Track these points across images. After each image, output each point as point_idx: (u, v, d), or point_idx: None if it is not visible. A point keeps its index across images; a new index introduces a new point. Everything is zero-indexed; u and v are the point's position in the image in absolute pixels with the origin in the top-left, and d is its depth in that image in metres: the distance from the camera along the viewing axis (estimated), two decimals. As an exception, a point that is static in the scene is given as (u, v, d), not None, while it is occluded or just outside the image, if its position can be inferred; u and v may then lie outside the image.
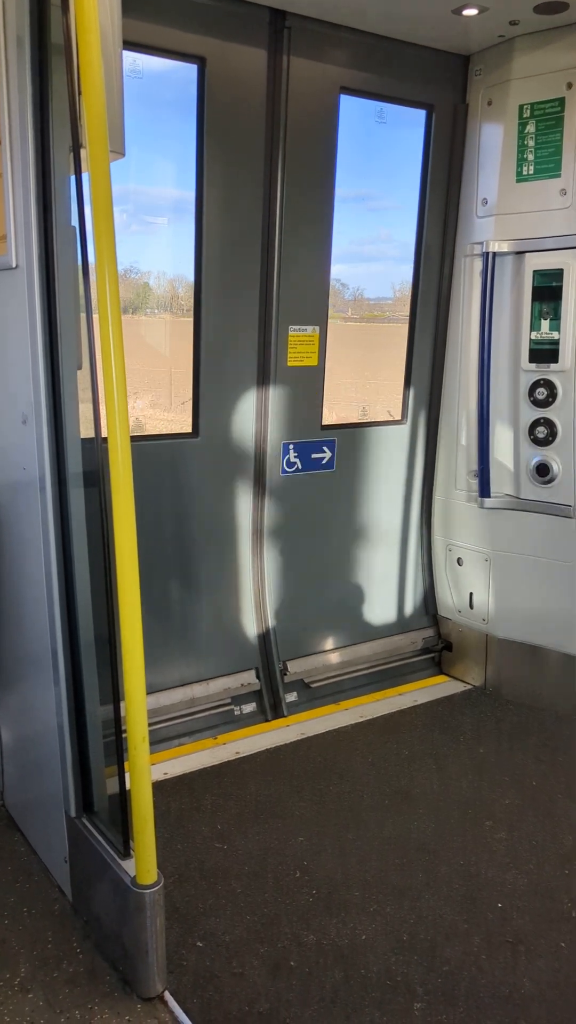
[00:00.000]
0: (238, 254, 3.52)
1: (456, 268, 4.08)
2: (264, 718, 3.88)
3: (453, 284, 4.12)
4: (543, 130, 3.64)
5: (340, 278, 4.03)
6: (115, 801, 2.46)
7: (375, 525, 4.24)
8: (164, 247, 3.84)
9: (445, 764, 3.52)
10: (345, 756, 3.57)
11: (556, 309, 3.73)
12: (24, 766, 2.96)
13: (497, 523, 4.07)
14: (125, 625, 2.08)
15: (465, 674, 4.36)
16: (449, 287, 4.13)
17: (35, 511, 2.54)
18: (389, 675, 4.29)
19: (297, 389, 3.82)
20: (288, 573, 3.96)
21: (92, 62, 1.98)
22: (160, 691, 3.60)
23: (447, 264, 4.09)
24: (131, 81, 3.14)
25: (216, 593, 3.77)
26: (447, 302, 4.14)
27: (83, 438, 2.50)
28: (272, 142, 3.46)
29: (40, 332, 2.34)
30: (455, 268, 4.09)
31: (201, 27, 3.19)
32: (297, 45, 3.39)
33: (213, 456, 3.67)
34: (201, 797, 3.24)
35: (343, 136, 3.66)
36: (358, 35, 3.53)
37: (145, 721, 2.12)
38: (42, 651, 2.63)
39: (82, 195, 2.24)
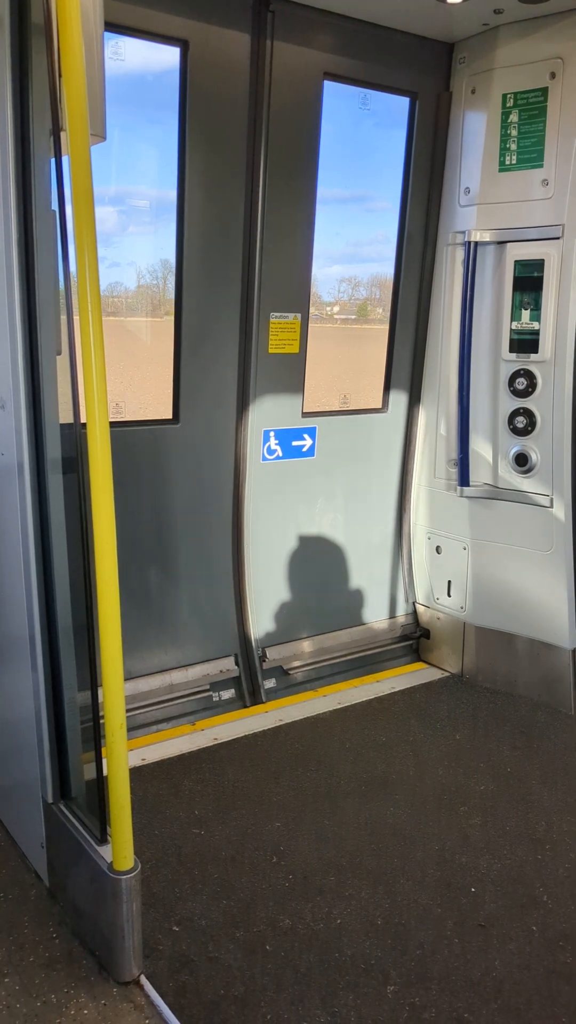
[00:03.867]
0: (220, 240, 3.51)
1: (438, 257, 4.08)
2: (243, 704, 3.90)
3: (435, 273, 4.12)
4: (526, 120, 3.64)
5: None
6: (92, 787, 2.47)
7: (355, 513, 4.25)
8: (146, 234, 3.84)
9: (422, 751, 3.56)
10: (323, 742, 3.60)
11: (537, 299, 3.75)
12: (1, 751, 2.96)
13: (476, 512, 4.10)
14: (103, 611, 2.08)
15: (442, 661, 4.40)
16: (431, 276, 4.13)
17: (13, 497, 2.52)
18: (367, 662, 4.31)
19: (278, 376, 3.81)
20: (268, 560, 3.97)
21: (73, 44, 1.96)
22: (138, 677, 3.60)
23: (429, 253, 4.09)
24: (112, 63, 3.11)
25: (195, 580, 3.78)
26: (428, 291, 4.14)
27: (62, 423, 2.49)
28: (255, 127, 3.44)
29: (19, 317, 2.32)
30: (437, 257, 4.09)
31: (184, 9, 3.16)
32: (281, 29, 3.37)
33: (193, 442, 3.66)
34: (179, 783, 3.25)
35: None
36: (342, 20, 3.51)
37: (123, 708, 2.12)
38: (19, 637, 2.62)
39: (62, 179, 2.22)
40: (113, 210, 3.80)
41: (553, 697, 3.98)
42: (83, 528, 2.29)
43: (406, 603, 4.50)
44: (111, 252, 4.10)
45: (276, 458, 3.92)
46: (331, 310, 6.07)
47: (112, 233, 3.88)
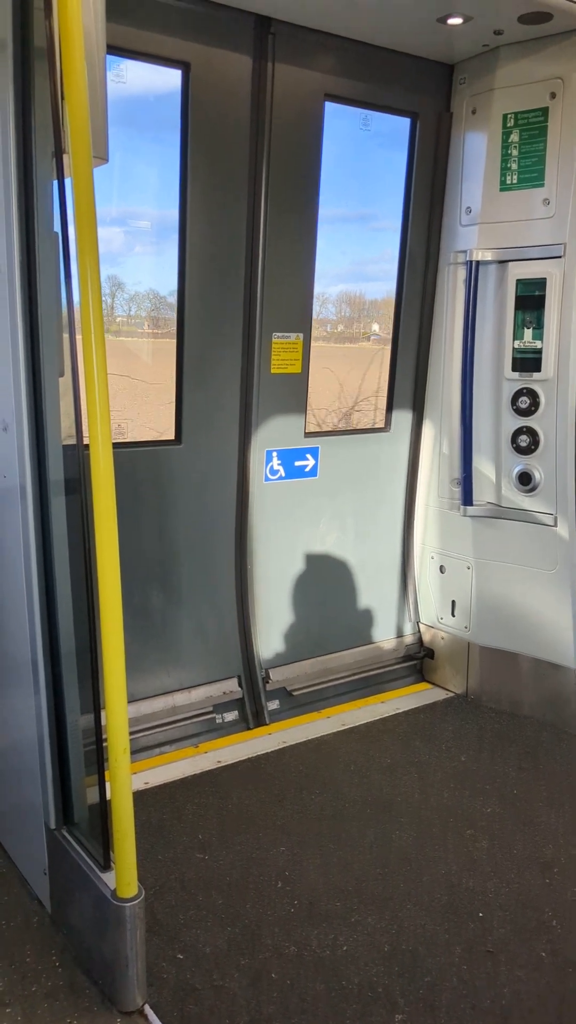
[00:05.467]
0: (222, 260, 3.51)
1: (440, 276, 4.09)
2: (246, 726, 3.86)
3: (437, 292, 4.13)
4: (527, 139, 3.66)
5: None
6: (95, 812, 2.44)
7: (358, 532, 4.24)
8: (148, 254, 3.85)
9: (427, 773, 3.52)
10: (327, 765, 3.56)
11: (539, 318, 3.75)
12: (2, 776, 2.93)
13: (479, 531, 4.08)
14: (106, 634, 2.06)
15: (447, 681, 4.37)
16: (433, 295, 4.13)
17: (15, 518, 2.51)
18: (371, 683, 4.28)
19: (281, 396, 3.81)
20: (271, 581, 3.95)
21: (75, 67, 1.97)
22: (141, 700, 3.57)
23: (431, 272, 4.10)
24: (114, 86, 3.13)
25: (198, 601, 3.75)
26: (431, 310, 4.15)
27: (65, 444, 2.48)
28: (257, 148, 3.46)
29: (22, 339, 2.31)
30: (439, 276, 4.09)
31: (186, 32, 3.18)
32: (282, 51, 3.39)
33: (196, 463, 3.65)
34: (182, 807, 3.21)
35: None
36: (343, 42, 3.53)
37: (126, 732, 2.10)
38: (22, 660, 2.60)
39: (65, 200, 2.22)
40: (119, 231, 3.82)
41: (559, 717, 3.95)
42: (86, 550, 2.28)
43: (410, 623, 4.48)
44: (121, 272, 4.11)
45: (279, 478, 3.91)
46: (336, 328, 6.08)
47: (118, 253, 3.89)
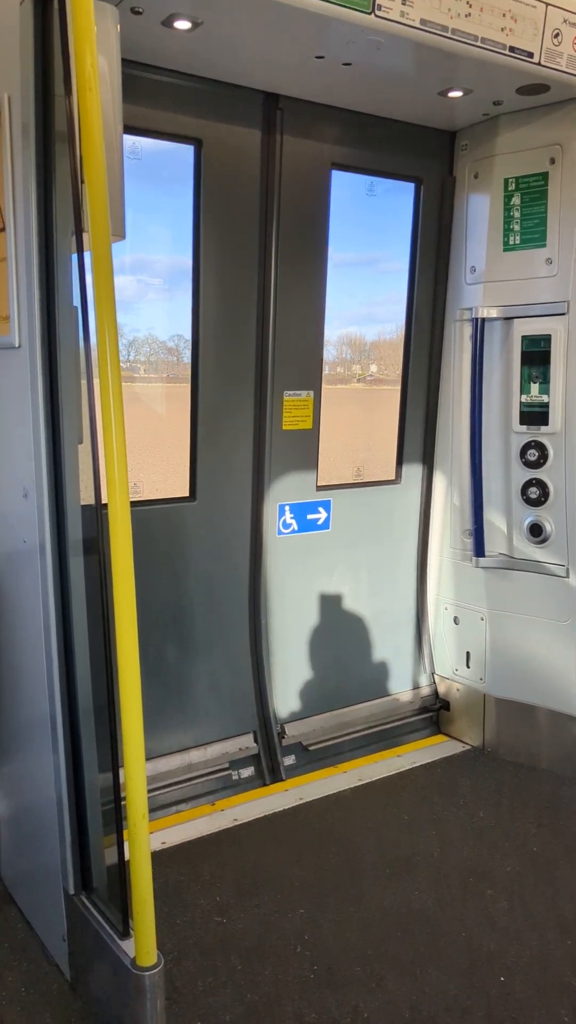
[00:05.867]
0: (234, 323, 3.61)
1: (447, 332, 4.17)
2: (262, 782, 3.85)
3: (444, 347, 4.21)
4: (528, 202, 3.76)
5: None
6: (113, 875, 2.44)
7: (372, 584, 4.26)
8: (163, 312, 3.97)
9: (445, 829, 3.49)
10: (344, 822, 3.54)
11: (545, 373, 3.81)
12: (21, 838, 2.93)
13: (492, 582, 4.10)
14: (124, 695, 2.08)
15: (463, 734, 4.35)
16: (440, 350, 4.21)
17: (35, 579, 2.56)
18: (387, 736, 4.27)
19: (292, 452, 3.87)
20: (285, 634, 3.97)
21: (95, 149, 2.05)
22: (157, 757, 3.57)
23: (438, 328, 4.18)
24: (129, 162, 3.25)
25: (213, 656, 3.77)
26: (438, 364, 4.23)
27: (83, 504, 2.54)
28: (266, 216, 3.57)
29: (42, 409, 2.39)
30: (446, 332, 4.18)
31: (198, 110, 3.31)
32: (290, 125, 3.52)
33: (210, 519, 3.70)
34: (199, 867, 3.20)
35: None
36: (348, 114, 3.66)
37: (145, 797, 2.11)
38: (40, 718, 2.62)
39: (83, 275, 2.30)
40: (132, 278, 3.94)
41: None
42: (104, 609, 2.31)
43: (425, 674, 4.47)
44: (138, 320, 4.24)
45: (292, 532, 3.96)
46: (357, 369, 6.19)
47: (132, 300, 4.02)
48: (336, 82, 3.29)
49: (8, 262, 2.52)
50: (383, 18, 2.72)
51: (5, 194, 2.50)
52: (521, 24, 3.03)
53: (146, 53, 3.01)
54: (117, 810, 2.36)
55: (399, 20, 2.75)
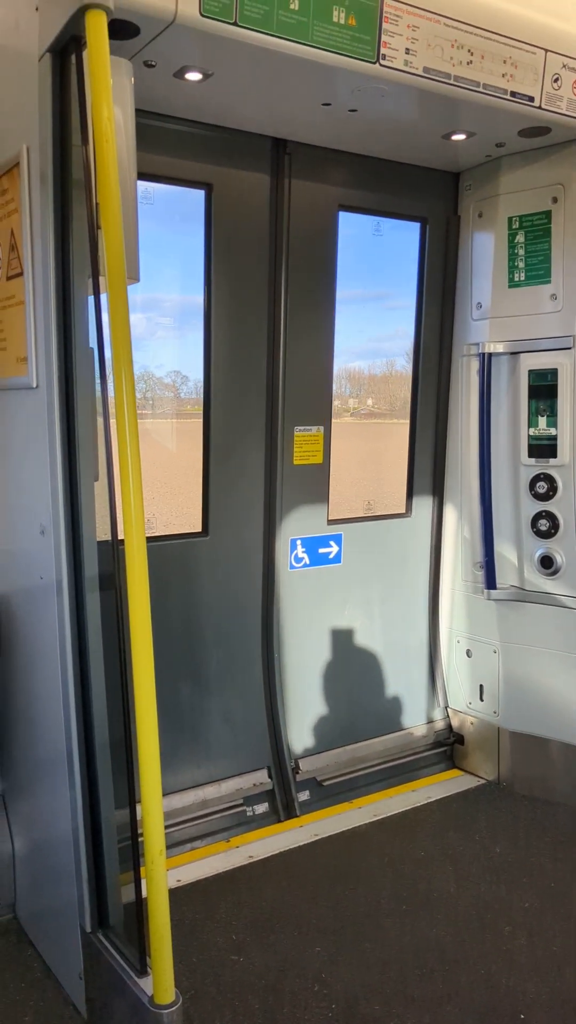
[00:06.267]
0: (245, 360, 3.67)
1: (454, 367, 4.23)
2: (277, 818, 3.83)
3: (451, 382, 4.26)
4: (532, 240, 3.83)
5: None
6: (130, 912, 2.43)
7: (384, 618, 4.27)
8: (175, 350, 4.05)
9: (461, 865, 3.46)
10: (360, 858, 3.52)
11: (552, 406, 3.86)
12: (37, 875, 2.92)
13: (504, 615, 4.11)
14: (142, 730, 2.09)
15: (478, 768, 4.32)
16: (448, 384, 4.27)
17: (51, 615, 2.59)
18: (402, 770, 4.25)
19: (303, 486, 3.91)
20: (298, 669, 3.98)
21: (111, 197, 2.11)
22: (171, 793, 3.57)
23: (445, 363, 4.24)
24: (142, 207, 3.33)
25: (226, 691, 3.78)
26: (446, 399, 4.28)
27: (99, 541, 2.57)
28: (275, 256, 3.65)
29: (59, 448, 2.43)
30: (453, 367, 4.24)
31: (208, 156, 3.40)
32: (297, 169, 3.61)
33: (223, 554, 3.73)
34: (215, 905, 3.18)
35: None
36: (354, 158, 3.76)
37: (162, 833, 2.11)
38: (57, 755, 2.64)
39: (100, 316, 2.37)
40: (142, 316, 4.02)
41: (593, 804, 3.89)
42: (120, 644, 2.34)
43: (439, 708, 4.46)
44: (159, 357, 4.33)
45: (303, 566, 3.98)
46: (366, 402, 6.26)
47: (141, 337, 4.10)
48: (342, 128, 3.39)
49: (26, 305, 2.59)
50: (388, 67, 2.81)
51: (23, 240, 2.58)
52: (521, 70, 3.11)
53: (158, 103, 3.11)
54: (134, 846, 2.36)
55: (403, 68, 2.84)
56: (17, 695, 2.99)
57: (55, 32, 2.28)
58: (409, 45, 2.83)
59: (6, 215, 2.72)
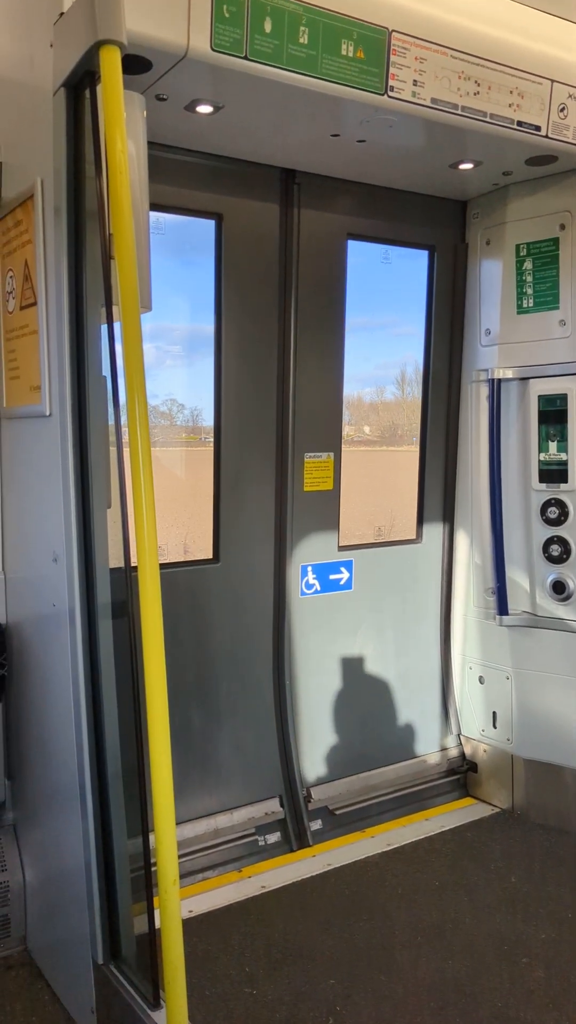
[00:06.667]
0: (255, 387, 3.69)
1: (463, 393, 4.24)
2: (289, 848, 3.79)
3: (461, 407, 4.27)
4: (540, 267, 3.86)
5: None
6: (143, 943, 2.40)
7: (396, 644, 4.25)
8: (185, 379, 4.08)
9: (477, 895, 3.42)
10: (374, 889, 3.47)
11: (563, 431, 3.86)
12: (48, 907, 2.90)
13: (517, 640, 4.08)
14: (155, 759, 2.08)
15: (492, 796, 4.27)
16: (457, 410, 4.28)
17: (64, 643, 2.58)
18: (415, 799, 4.20)
19: (314, 513, 3.91)
20: (309, 696, 3.96)
21: (124, 228, 2.14)
22: (183, 823, 3.53)
23: (454, 388, 4.26)
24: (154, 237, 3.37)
25: (237, 719, 3.76)
26: (456, 424, 4.29)
27: (112, 568, 2.57)
28: (285, 284, 3.68)
29: (72, 476, 2.45)
30: (462, 393, 4.25)
31: (218, 187, 3.45)
32: (306, 198, 3.65)
33: (234, 580, 3.73)
34: (228, 936, 3.14)
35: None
36: (363, 187, 3.80)
37: (176, 862, 2.10)
38: (69, 784, 2.62)
39: (113, 345, 2.39)
40: (151, 346, 4.05)
41: (610, 833, 3.84)
42: (133, 672, 2.33)
43: (452, 735, 4.42)
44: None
45: (314, 592, 3.97)
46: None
47: (149, 366, 4.13)
48: (351, 158, 3.43)
49: (40, 334, 2.61)
50: (396, 98, 2.85)
51: (37, 270, 2.61)
52: (528, 100, 3.16)
53: (170, 135, 3.16)
54: (147, 876, 2.34)
55: (411, 100, 2.88)
56: (30, 723, 2.98)
57: (69, 67, 2.33)
58: (417, 77, 2.87)
59: (20, 246, 2.76)
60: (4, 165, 2.92)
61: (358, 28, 2.71)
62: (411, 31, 2.81)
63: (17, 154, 2.82)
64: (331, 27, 2.66)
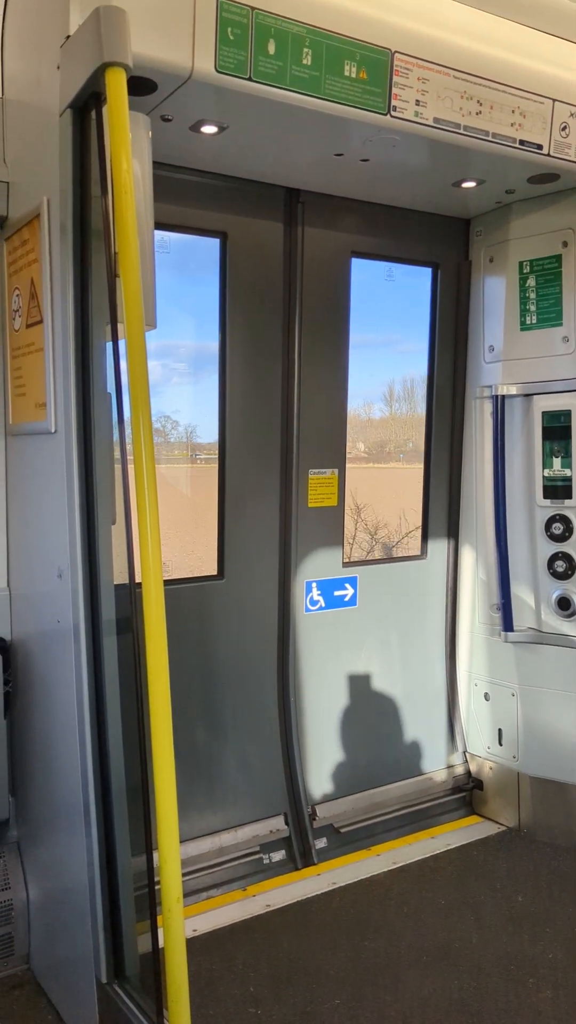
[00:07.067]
0: (260, 404, 3.71)
1: (467, 409, 4.25)
2: (294, 866, 3.76)
3: (465, 424, 4.28)
4: (543, 284, 3.88)
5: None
6: (147, 962, 2.39)
7: (401, 661, 4.24)
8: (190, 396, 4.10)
9: (483, 915, 3.39)
10: (379, 907, 3.45)
11: (567, 447, 3.86)
12: (52, 926, 2.88)
13: (522, 657, 4.06)
14: (159, 776, 2.07)
15: (498, 814, 4.24)
16: (461, 427, 4.29)
17: (68, 659, 2.58)
18: (420, 817, 4.17)
19: (318, 529, 3.91)
20: (314, 713, 3.94)
21: (129, 247, 2.16)
22: (188, 841, 3.52)
23: (458, 404, 4.27)
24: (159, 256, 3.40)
25: (242, 736, 3.75)
26: (460, 441, 4.29)
27: (116, 584, 2.57)
28: (289, 302, 3.71)
29: (77, 493, 2.45)
30: (466, 409, 4.26)
31: (223, 206, 3.48)
32: (310, 217, 3.68)
33: (238, 597, 3.73)
34: (232, 956, 3.11)
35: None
36: (366, 206, 3.83)
37: (179, 880, 2.08)
38: (73, 802, 2.61)
39: (118, 363, 2.40)
40: (156, 363, 4.08)
41: (617, 851, 3.81)
42: (137, 688, 2.33)
43: (457, 752, 4.40)
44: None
45: (319, 608, 3.97)
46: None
47: (154, 384, 4.15)
48: (354, 177, 3.46)
49: (45, 352, 2.63)
50: (398, 118, 2.88)
51: (43, 288, 2.63)
52: (530, 119, 3.18)
53: (175, 155, 3.19)
54: (151, 894, 2.33)
55: (414, 119, 2.91)
56: (34, 739, 2.98)
57: (76, 89, 2.35)
58: (419, 97, 2.90)
59: (26, 265, 2.78)
60: (11, 185, 2.95)
61: (361, 49, 2.74)
62: (413, 52, 2.85)
63: (24, 174, 2.85)
64: (334, 48, 2.69)
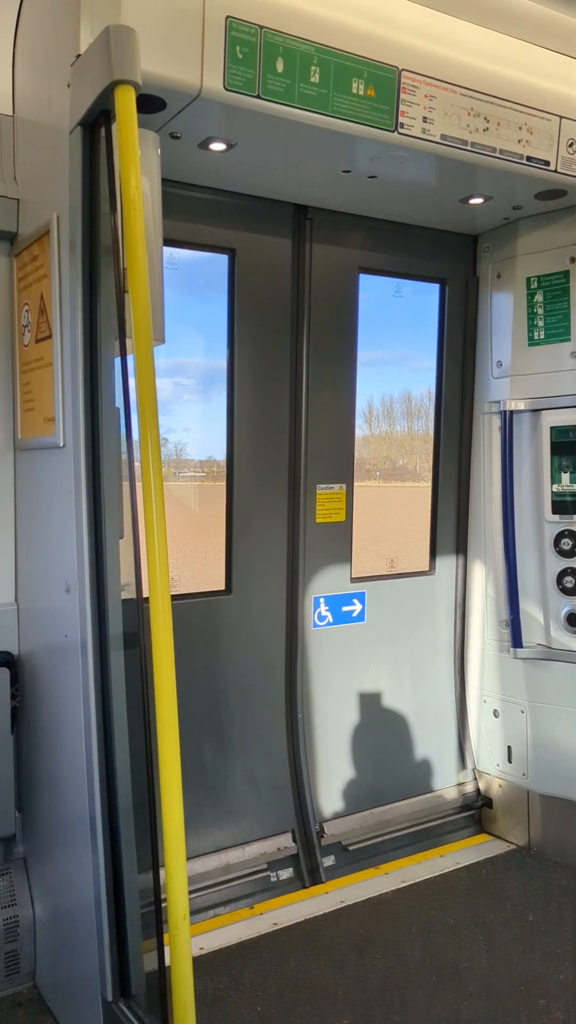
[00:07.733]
0: (268, 420, 3.71)
1: (475, 424, 4.25)
2: (301, 884, 3.73)
3: (473, 439, 4.27)
4: (551, 299, 3.88)
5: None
6: (153, 980, 2.36)
7: (409, 677, 4.21)
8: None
9: (493, 934, 3.35)
10: (388, 927, 3.41)
11: (575, 462, 3.85)
12: (57, 943, 2.86)
13: (531, 673, 4.04)
14: (166, 793, 2.05)
15: (507, 832, 4.20)
16: (470, 442, 4.28)
17: (75, 674, 2.58)
18: (429, 835, 4.14)
19: (326, 544, 3.91)
20: (322, 729, 3.92)
21: (138, 263, 2.17)
22: (195, 858, 3.49)
23: (467, 420, 4.27)
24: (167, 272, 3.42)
25: (249, 752, 3.73)
26: (468, 456, 4.29)
27: (124, 599, 2.57)
28: (297, 318, 3.72)
29: (85, 506, 2.46)
30: (474, 425, 4.25)
31: (231, 223, 3.50)
32: (318, 233, 3.70)
33: (246, 612, 3.72)
34: (239, 975, 3.08)
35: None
36: (374, 222, 3.85)
37: (186, 897, 2.06)
38: (80, 817, 2.60)
39: (126, 377, 2.41)
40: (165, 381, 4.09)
41: (629, 870, 3.76)
42: (144, 704, 2.32)
43: (466, 770, 4.36)
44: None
45: (327, 624, 3.95)
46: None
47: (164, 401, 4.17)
48: (362, 193, 3.48)
49: (54, 367, 2.64)
50: (406, 135, 2.90)
51: (53, 304, 2.65)
52: (537, 135, 3.20)
53: (184, 172, 3.22)
54: (157, 912, 2.31)
55: (421, 136, 2.93)
56: (41, 755, 2.97)
57: (86, 107, 2.38)
58: (427, 114, 2.92)
59: (36, 280, 2.81)
60: (22, 202, 2.98)
61: (368, 67, 2.76)
62: (421, 70, 2.87)
63: (35, 191, 2.88)
64: (342, 66, 2.71)
